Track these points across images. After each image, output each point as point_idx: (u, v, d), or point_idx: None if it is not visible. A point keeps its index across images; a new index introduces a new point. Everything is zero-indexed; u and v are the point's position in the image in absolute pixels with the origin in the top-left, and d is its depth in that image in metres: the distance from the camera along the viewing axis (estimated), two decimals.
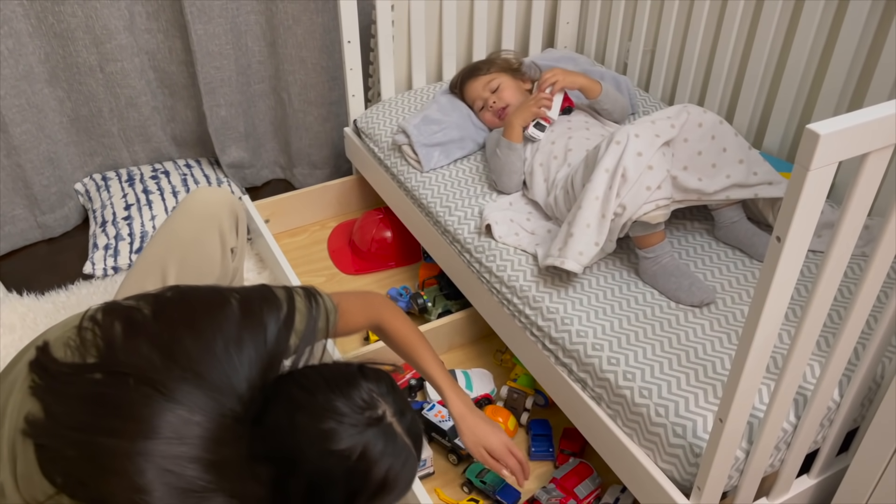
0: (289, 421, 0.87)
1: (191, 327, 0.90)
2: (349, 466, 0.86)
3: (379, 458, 0.88)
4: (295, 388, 0.90)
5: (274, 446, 0.86)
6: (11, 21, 1.79)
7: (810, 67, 1.61)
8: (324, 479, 0.86)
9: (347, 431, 0.86)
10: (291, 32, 2.03)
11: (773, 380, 1.15)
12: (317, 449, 0.86)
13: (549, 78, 1.60)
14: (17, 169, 1.96)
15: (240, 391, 0.87)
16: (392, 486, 0.90)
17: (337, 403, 0.88)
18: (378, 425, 0.89)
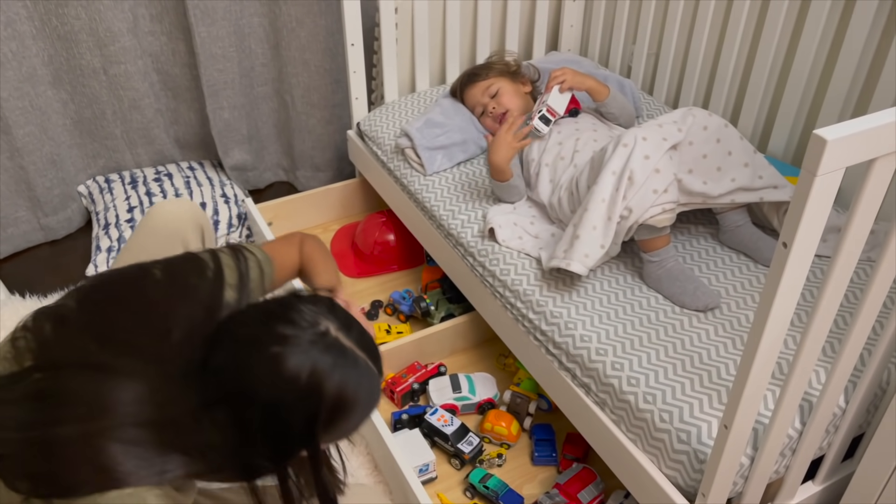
0: (233, 358, 0.86)
1: (117, 303, 0.91)
2: (301, 388, 0.84)
3: (330, 374, 0.86)
4: (235, 327, 0.89)
5: (224, 388, 0.85)
6: (15, 23, 1.79)
7: (815, 71, 1.61)
8: (279, 406, 0.85)
9: (293, 352, 0.85)
10: (295, 35, 2.03)
11: (778, 386, 1.15)
12: (265, 377, 0.84)
13: (558, 76, 1.59)
14: (20, 171, 1.96)
15: (180, 350, 0.87)
16: (351, 403, 0.88)
17: (277, 329, 0.86)
18: (323, 341, 0.87)
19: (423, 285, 1.88)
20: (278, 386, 0.85)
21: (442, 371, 1.66)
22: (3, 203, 1.98)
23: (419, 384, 1.61)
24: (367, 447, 1.48)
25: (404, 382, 1.60)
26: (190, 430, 0.85)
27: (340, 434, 0.92)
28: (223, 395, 0.86)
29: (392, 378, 1.63)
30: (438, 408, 1.54)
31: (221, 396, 0.86)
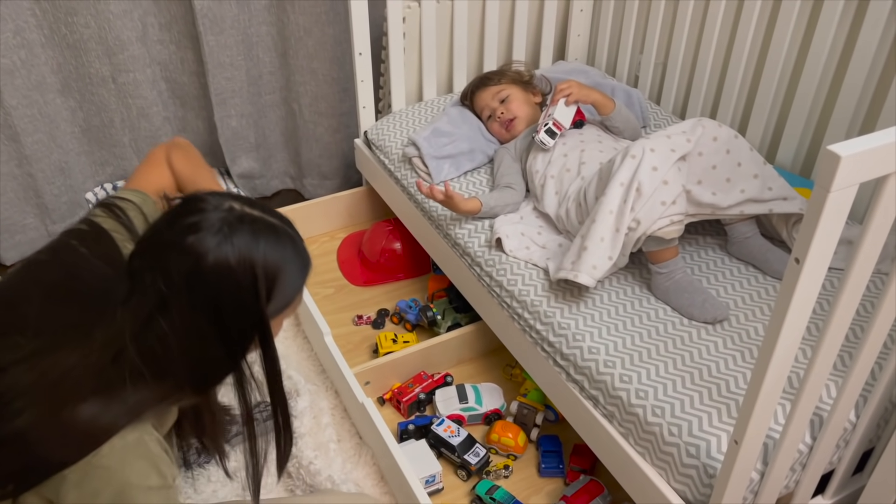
0: (157, 264, 0.86)
1: (21, 300, 0.94)
2: (229, 267, 0.85)
3: (252, 244, 0.87)
4: (146, 246, 0.90)
5: (156, 296, 0.85)
6: (24, 31, 1.79)
7: (825, 81, 1.60)
8: (217, 294, 0.85)
9: (207, 236, 0.85)
10: (302, 44, 2.03)
11: (789, 400, 1.14)
12: (191, 270, 0.84)
13: (564, 89, 1.59)
14: (29, 178, 1.96)
15: (104, 302, 0.88)
16: (282, 265, 0.89)
17: (185, 221, 0.87)
18: (232, 215, 0.87)
19: (429, 294, 1.88)
20: (207, 274, 0.85)
21: (448, 381, 1.66)
22: (11, 210, 1.98)
23: (425, 394, 1.60)
24: (374, 457, 1.47)
25: (410, 392, 1.60)
26: (141, 353, 0.86)
27: (283, 301, 0.92)
28: (159, 304, 0.85)
29: (398, 388, 1.62)
30: (445, 418, 1.53)
31: (157, 305, 0.85)
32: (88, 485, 0.85)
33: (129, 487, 0.86)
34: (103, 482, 0.85)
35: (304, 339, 1.78)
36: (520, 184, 1.65)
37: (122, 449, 0.86)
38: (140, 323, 0.86)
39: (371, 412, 1.43)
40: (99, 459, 0.85)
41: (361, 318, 1.85)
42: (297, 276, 0.94)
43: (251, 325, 0.89)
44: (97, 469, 0.85)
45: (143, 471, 0.87)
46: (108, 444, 0.85)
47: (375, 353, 1.74)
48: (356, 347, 1.78)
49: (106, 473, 0.85)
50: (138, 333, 0.86)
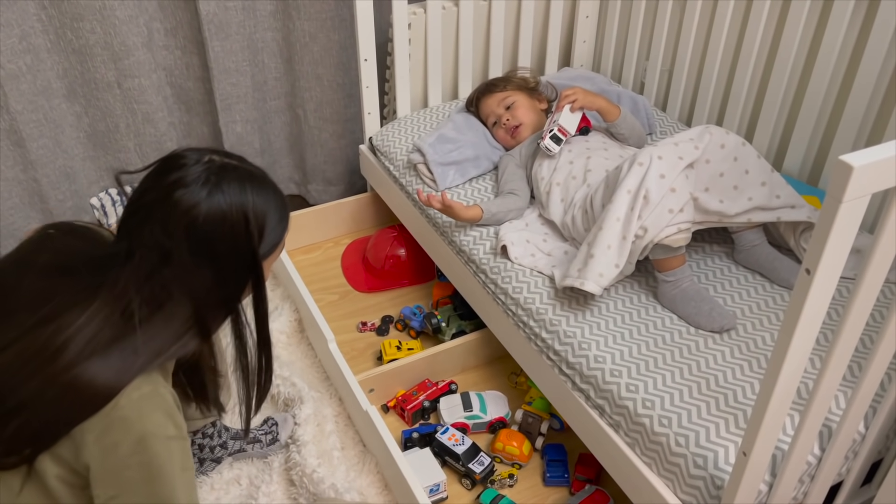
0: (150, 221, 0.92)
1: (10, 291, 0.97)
2: (222, 213, 0.92)
3: (238, 189, 0.94)
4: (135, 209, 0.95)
5: (155, 253, 0.91)
6: (30, 37, 1.79)
7: (832, 89, 1.59)
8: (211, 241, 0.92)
9: (193, 189, 0.91)
10: (308, 49, 2.03)
11: (798, 410, 1.13)
12: (184, 221, 0.91)
13: (569, 95, 1.59)
14: (34, 183, 1.96)
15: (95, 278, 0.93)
16: (267, 206, 0.97)
17: (169, 178, 0.93)
18: (213, 166, 0.94)
19: (433, 301, 1.87)
20: (202, 223, 0.91)
21: (453, 389, 1.65)
22: (15, 215, 1.98)
23: (430, 402, 1.59)
24: (378, 466, 1.47)
25: (415, 400, 1.59)
26: (147, 303, 0.91)
27: (272, 243, 1.00)
28: (161, 256, 0.91)
29: (402, 395, 1.61)
30: (449, 426, 1.52)
31: (159, 257, 0.91)
32: (108, 437, 0.89)
33: (148, 436, 0.90)
34: (123, 433, 0.89)
35: (308, 346, 1.78)
36: (524, 190, 1.64)
37: (139, 400, 0.90)
38: (144, 275, 0.91)
39: (375, 420, 1.42)
40: (117, 412, 0.88)
41: (365, 325, 1.85)
42: (281, 218, 1.01)
43: (246, 267, 0.96)
44: (116, 421, 0.88)
45: (161, 421, 0.91)
46: (126, 397, 0.89)
47: (379, 361, 1.73)
48: (360, 354, 1.78)
49: (125, 424, 0.89)
50: (143, 285, 0.91)
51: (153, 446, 0.91)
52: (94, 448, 0.89)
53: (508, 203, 1.60)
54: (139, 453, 0.90)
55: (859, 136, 1.55)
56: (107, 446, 0.89)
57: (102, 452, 0.89)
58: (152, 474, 0.92)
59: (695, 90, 1.93)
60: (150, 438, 0.91)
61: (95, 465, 0.90)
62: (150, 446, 0.91)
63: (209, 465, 1.46)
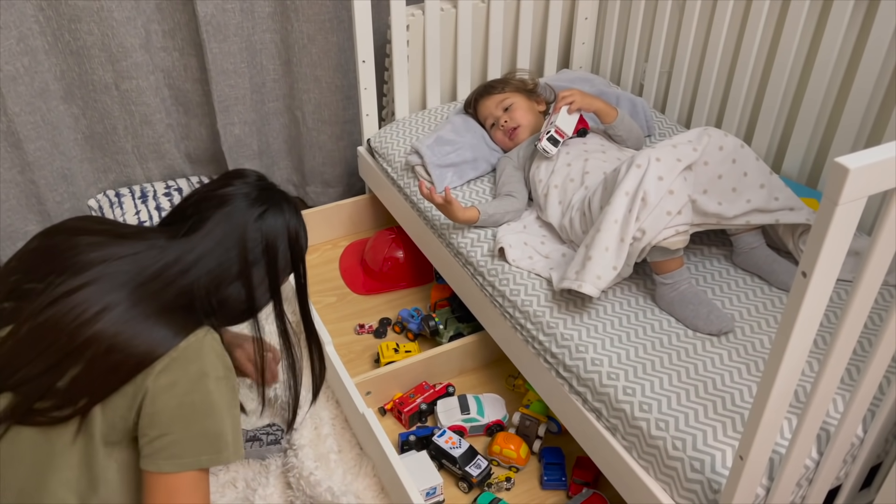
0: (215, 219, 1.08)
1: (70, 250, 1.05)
2: (280, 230, 1.12)
3: (290, 209, 1.14)
4: (206, 199, 1.11)
5: (220, 245, 1.06)
6: (28, 38, 1.79)
7: (831, 91, 1.59)
8: (272, 246, 1.10)
9: (247, 207, 1.09)
10: (306, 51, 2.03)
11: (795, 414, 1.12)
12: (255, 233, 1.09)
13: (566, 97, 1.58)
14: (31, 185, 1.96)
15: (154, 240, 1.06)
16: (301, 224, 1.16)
17: (222, 193, 1.10)
18: (266, 187, 1.14)
19: (431, 303, 1.87)
20: (266, 229, 1.10)
21: (450, 391, 1.64)
22: (13, 217, 1.98)
23: (427, 405, 1.59)
24: (374, 469, 1.46)
25: (412, 403, 1.58)
26: (209, 275, 1.05)
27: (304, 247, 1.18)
28: (224, 242, 1.06)
29: (400, 398, 1.61)
30: (446, 429, 1.51)
31: (221, 245, 1.06)
32: (166, 377, 0.96)
33: (203, 377, 0.99)
34: (181, 372, 0.97)
35: (306, 349, 1.77)
36: (521, 192, 1.64)
37: (196, 343, 0.99)
38: (205, 253, 1.05)
39: (372, 423, 1.41)
40: (176, 353, 0.97)
41: (363, 328, 1.84)
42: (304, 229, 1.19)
43: (293, 267, 1.17)
44: (174, 362, 0.97)
45: (214, 362, 1.01)
46: (185, 341, 0.98)
47: (377, 363, 1.73)
48: (358, 357, 1.77)
49: (183, 365, 0.97)
50: (203, 259, 1.05)
51: (207, 384, 0.99)
52: (152, 388, 0.95)
53: (505, 205, 1.60)
54: (194, 391, 0.98)
55: (858, 138, 1.55)
56: (163, 386, 0.96)
57: (158, 392, 0.96)
58: (205, 411, 0.99)
59: (694, 92, 1.93)
60: (205, 377, 0.99)
61: (149, 406, 0.95)
62: (204, 384, 0.98)
63: None
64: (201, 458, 0.99)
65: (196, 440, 0.98)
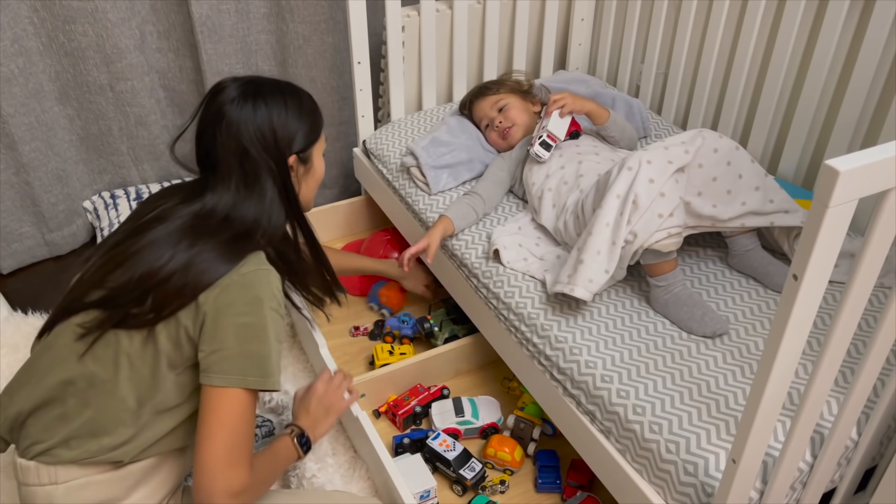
0: (221, 140, 1.13)
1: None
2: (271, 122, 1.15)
3: (280, 101, 1.17)
4: (201, 138, 1.17)
5: (237, 160, 1.13)
6: (22, 39, 1.79)
7: (827, 93, 1.58)
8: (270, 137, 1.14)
9: (240, 105, 1.13)
10: (301, 52, 2.03)
11: (789, 416, 1.11)
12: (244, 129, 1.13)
13: (558, 100, 1.58)
14: (26, 186, 1.95)
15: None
16: (315, 104, 1.26)
17: (217, 102, 1.14)
18: (247, 83, 1.16)
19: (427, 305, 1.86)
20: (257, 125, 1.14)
21: (445, 394, 1.64)
22: (7, 219, 1.98)
23: (421, 407, 1.58)
24: (368, 472, 1.45)
25: (406, 405, 1.58)
26: (243, 189, 1.13)
27: (317, 131, 1.24)
28: (238, 159, 1.13)
29: (394, 400, 1.60)
30: (441, 432, 1.51)
31: (238, 162, 1.13)
32: (225, 296, 1.05)
33: (259, 302, 1.06)
34: (239, 294, 1.06)
35: (301, 351, 1.77)
36: (491, 196, 1.64)
37: (256, 272, 1.08)
38: (235, 165, 1.13)
39: (365, 425, 1.41)
40: (237, 278, 1.06)
41: (358, 330, 1.83)
42: (314, 113, 1.24)
43: (291, 151, 1.18)
44: (234, 285, 1.06)
45: (270, 293, 1.08)
46: (246, 267, 1.07)
47: (372, 365, 1.72)
48: (353, 359, 1.76)
49: (242, 288, 1.06)
50: (235, 182, 1.13)
51: (261, 310, 1.06)
52: (212, 306, 1.04)
53: (468, 214, 1.61)
54: (248, 314, 1.05)
55: (854, 139, 1.54)
56: (222, 304, 1.04)
57: (217, 309, 1.04)
58: (255, 334, 1.06)
59: (690, 93, 1.92)
60: (262, 304, 1.06)
61: (208, 322, 1.04)
62: (258, 309, 1.06)
63: None
64: (248, 377, 1.05)
65: (245, 359, 1.05)
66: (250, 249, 1.10)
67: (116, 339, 1.06)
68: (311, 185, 1.26)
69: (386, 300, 1.88)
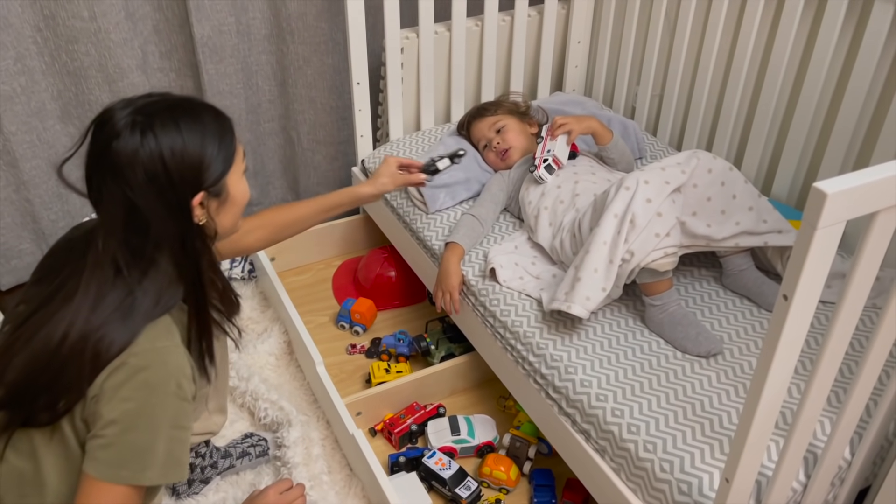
0: (103, 179, 0.97)
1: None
2: (162, 156, 0.96)
3: (175, 128, 0.97)
4: (88, 172, 1.00)
5: (121, 204, 0.96)
6: (25, 58, 1.81)
7: (819, 114, 1.61)
8: (156, 184, 0.96)
9: (126, 137, 0.95)
10: (302, 73, 2.05)
11: (781, 436, 1.12)
12: (131, 169, 0.94)
13: (563, 125, 1.60)
14: (26, 204, 1.97)
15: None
16: (206, 137, 1.00)
17: (103, 133, 0.97)
18: (137, 108, 0.98)
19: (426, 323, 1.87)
20: (144, 165, 0.95)
21: (441, 412, 1.64)
22: (8, 235, 1.99)
23: (417, 425, 1.58)
24: (363, 490, 1.45)
25: (402, 423, 1.58)
26: (130, 249, 0.98)
27: (223, 161, 1.03)
28: (122, 209, 0.95)
29: (390, 419, 1.60)
30: (436, 451, 1.51)
31: (122, 212, 0.96)
32: (115, 378, 0.94)
33: (146, 386, 0.95)
34: (127, 376, 0.95)
35: (297, 369, 1.77)
36: (488, 217, 1.66)
37: (151, 350, 0.96)
38: (116, 229, 0.96)
39: (361, 444, 1.41)
40: (130, 358, 0.95)
41: (355, 348, 1.84)
42: (221, 137, 1.03)
43: (196, 190, 1.00)
44: (124, 366, 0.95)
45: (164, 375, 0.97)
46: (140, 346, 0.95)
47: (368, 383, 1.72)
48: (349, 377, 1.77)
49: (132, 371, 0.95)
50: (118, 239, 0.97)
51: (150, 396, 0.96)
52: (98, 388, 0.95)
53: (473, 235, 1.62)
54: (134, 399, 0.95)
55: (846, 160, 1.56)
56: (108, 387, 0.94)
57: (103, 392, 0.94)
58: (138, 422, 0.95)
59: (685, 115, 1.95)
60: (149, 388, 0.95)
61: (93, 405, 0.95)
62: (146, 395, 0.95)
63: (197, 486, 1.45)
64: (121, 471, 0.95)
65: (122, 451, 0.95)
66: (144, 320, 0.97)
67: (28, 434, 0.99)
68: (230, 213, 1.08)
69: (359, 317, 1.87)
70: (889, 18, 1.38)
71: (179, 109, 1.00)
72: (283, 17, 1.97)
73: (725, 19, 1.73)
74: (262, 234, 1.50)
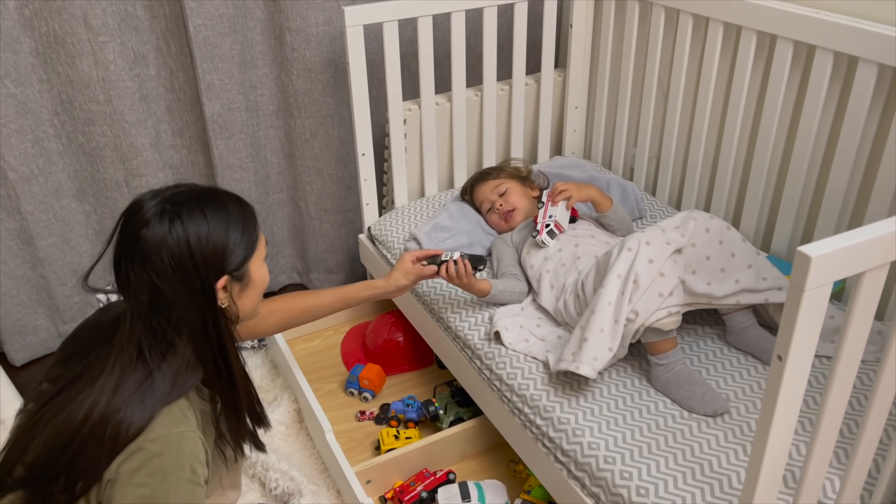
0: (130, 266, 1.01)
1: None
2: (188, 243, 1.01)
3: (201, 216, 1.02)
4: (117, 259, 1.04)
5: (148, 296, 1.00)
6: (43, 141, 1.88)
7: (812, 171, 1.64)
8: (184, 271, 1.00)
9: (155, 226, 1.00)
10: (309, 145, 2.12)
11: (790, 495, 1.12)
12: (160, 256, 0.99)
13: (564, 191, 1.64)
14: (42, 280, 2.01)
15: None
16: (230, 226, 1.05)
17: (133, 222, 1.02)
18: (165, 198, 1.03)
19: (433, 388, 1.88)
20: (173, 252, 1.00)
21: (451, 478, 1.63)
22: (23, 311, 2.02)
23: (428, 492, 1.58)
24: None
25: (412, 491, 1.57)
26: (154, 335, 1.01)
27: (246, 248, 1.08)
28: (149, 296, 1.00)
29: (400, 486, 1.60)
30: None
31: (148, 298, 1.00)
32: (130, 463, 0.97)
33: (161, 472, 0.97)
34: (142, 461, 0.97)
35: (307, 437, 1.77)
36: (523, 276, 1.68)
37: (167, 436, 0.98)
38: (141, 315, 1.00)
39: None
40: (145, 443, 0.97)
41: (364, 414, 1.84)
42: (245, 226, 1.08)
43: (220, 275, 1.05)
44: (139, 451, 0.97)
45: (178, 462, 0.99)
46: (155, 431, 0.98)
47: (378, 450, 1.72)
48: (358, 444, 1.77)
49: (147, 456, 0.97)
50: (143, 325, 1.01)
51: (164, 482, 0.97)
52: (114, 472, 0.97)
53: (513, 285, 1.63)
54: (148, 485, 0.97)
55: (842, 215, 1.59)
56: (124, 472, 0.96)
57: (119, 477, 0.96)
58: None
59: (682, 175, 1.99)
60: (164, 474, 0.97)
61: (109, 489, 0.97)
62: (161, 481, 0.97)
63: None
64: None
65: None
66: (162, 403, 1.00)
67: None
68: (251, 297, 1.13)
69: (367, 383, 1.88)
70: (873, 79, 1.43)
71: (205, 198, 1.05)
72: (290, 94, 2.05)
73: (716, 83, 1.79)
74: (278, 319, 1.53)
